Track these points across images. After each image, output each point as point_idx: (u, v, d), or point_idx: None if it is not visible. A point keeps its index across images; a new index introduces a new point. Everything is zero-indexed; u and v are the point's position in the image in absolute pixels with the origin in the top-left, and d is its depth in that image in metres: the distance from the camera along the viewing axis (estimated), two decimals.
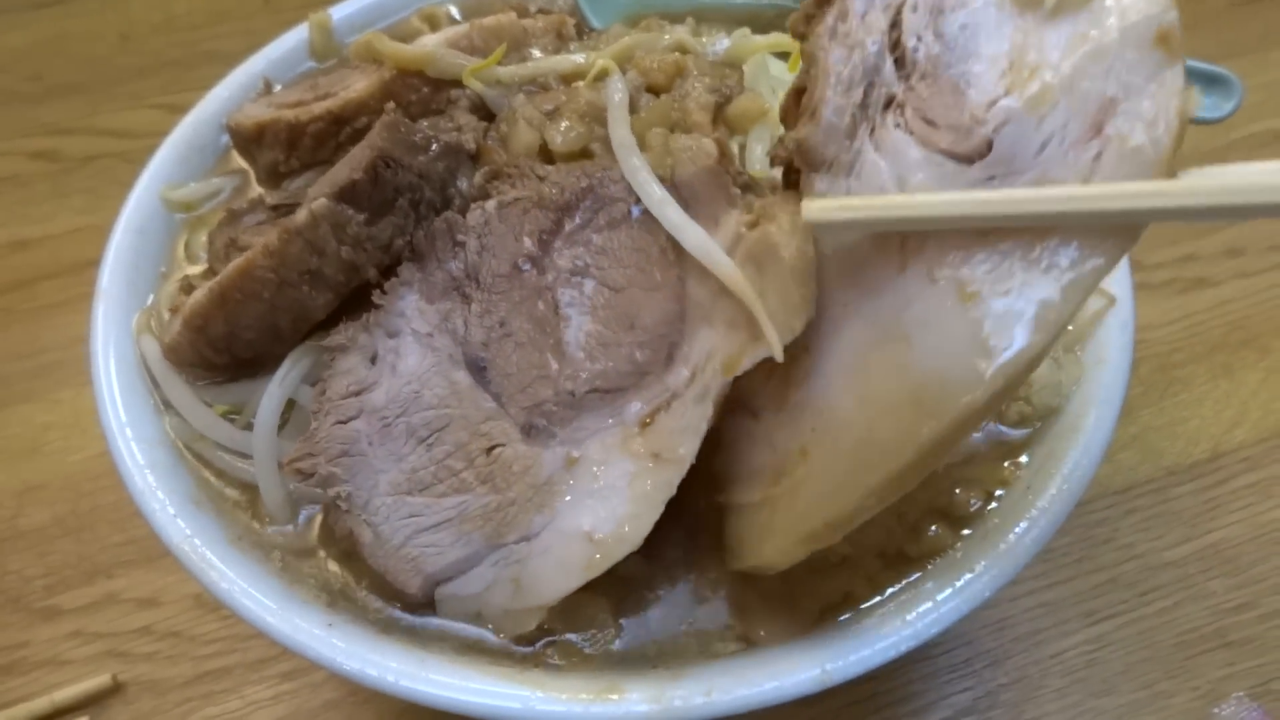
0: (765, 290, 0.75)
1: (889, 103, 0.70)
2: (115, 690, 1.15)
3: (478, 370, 0.83)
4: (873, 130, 0.70)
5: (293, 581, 0.82)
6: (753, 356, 0.76)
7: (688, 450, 0.78)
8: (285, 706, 1.14)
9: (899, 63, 0.70)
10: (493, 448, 0.81)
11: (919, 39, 0.69)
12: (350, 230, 0.83)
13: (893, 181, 0.69)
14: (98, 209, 1.61)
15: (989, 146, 0.65)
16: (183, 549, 0.81)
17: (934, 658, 1.16)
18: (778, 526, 0.74)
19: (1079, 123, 0.64)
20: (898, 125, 0.69)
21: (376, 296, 0.84)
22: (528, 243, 0.84)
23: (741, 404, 0.81)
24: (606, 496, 0.78)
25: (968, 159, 0.67)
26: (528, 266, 0.84)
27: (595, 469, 0.80)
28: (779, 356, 0.73)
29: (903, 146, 0.69)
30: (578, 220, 0.84)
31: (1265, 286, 1.46)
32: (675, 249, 0.81)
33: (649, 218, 0.82)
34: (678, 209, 0.80)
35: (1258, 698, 1.12)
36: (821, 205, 0.70)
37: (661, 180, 0.81)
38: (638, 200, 0.82)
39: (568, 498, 0.79)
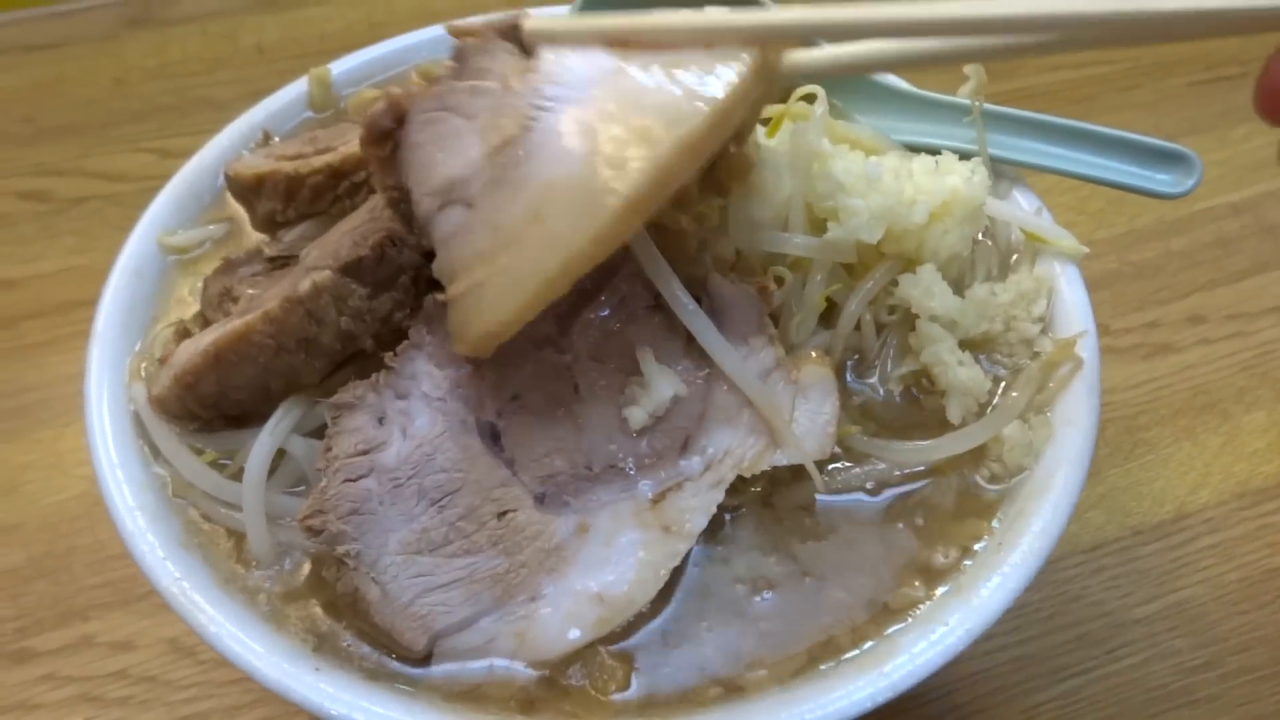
0: (802, 415, 0.89)
1: None
2: None
3: (491, 437, 0.86)
4: None
5: (279, 625, 0.82)
6: (770, 462, 0.87)
7: (695, 526, 0.85)
8: None
9: None
10: (505, 512, 0.84)
11: None
12: (351, 303, 0.85)
13: None
14: (86, 250, 1.63)
15: None
16: (171, 591, 0.81)
17: (911, 709, 1.18)
18: (515, 286, 0.75)
19: None
20: None
21: (388, 358, 0.86)
22: (544, 322, 0.87)
23: (450, 200, 0.79)
24: (616, 563, 0.83)
25: None
26: (544, 343, 0.87)
27: (606, 537, 0.84)
28: (819, 485, 0.90)
29: None
30: (597, 309, 0.88)
31: (1225, 354, 1.51)
32: (702, 354, 0.88)
33: (673, 321, 0.87)
34: (724, 344, 0.86)
35: None
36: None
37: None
38: (658, 299, 0.87)
39: (578, 562, 0.83)
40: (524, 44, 0.84)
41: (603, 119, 0.76)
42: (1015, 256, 1.09)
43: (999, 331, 1.01)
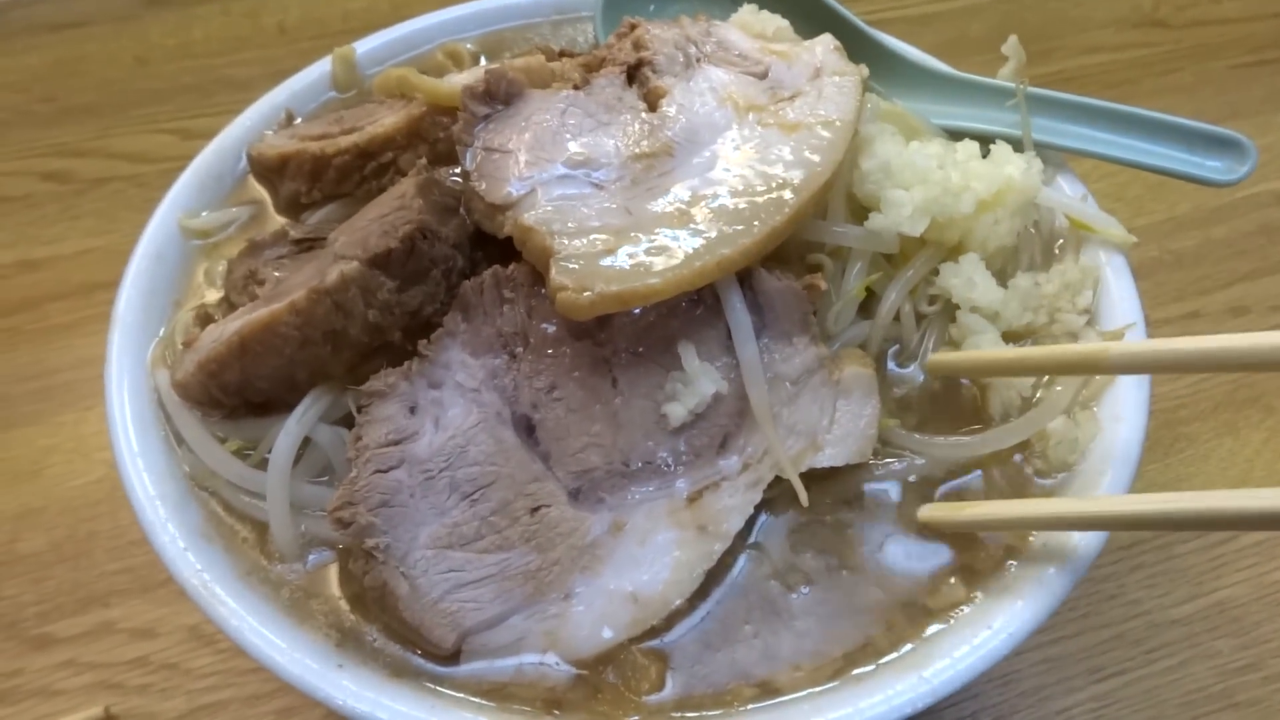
0: (846, 415, 0.88)
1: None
2: None
3: (525, 430, 0.84)
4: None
5: (302, 619, 0.81)
6: (810, 463, 0.86)
7: (732, 527, 0.83)
8: None
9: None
10: (538, 508, 0.82)
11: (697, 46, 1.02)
12: (380, 296, 0.83)
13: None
14: (108, 232, 1.61)
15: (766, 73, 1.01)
16: (192, 584, 0.80)
17: (939, 711, 1.14)
18: (660, 267, 0.81)
19: (805, 71, 1.01)
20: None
21: (422, 346, 0.84)
22: None
23: (574, 173, 0.88)
24: (650, 562, 0.81)
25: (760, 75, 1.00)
26: (583, 335, 0.84)
27: (641, 535, 0.82)
28: (803, 500, 0.85)
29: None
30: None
31: None
32: None
33: (714, 317, 0.85)
34: (753, 350, 0.85)
35: None
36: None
37: None
38: (700, 291, 0.84)
39: (612, 560, 0.81)
40: (645, 89, 0.96)
41: (754, 153, 0.90)
42: (1060, 243, 1.05)
43: (1043, 324, 0.98)
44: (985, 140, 1.10)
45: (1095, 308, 0.99)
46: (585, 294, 0.76)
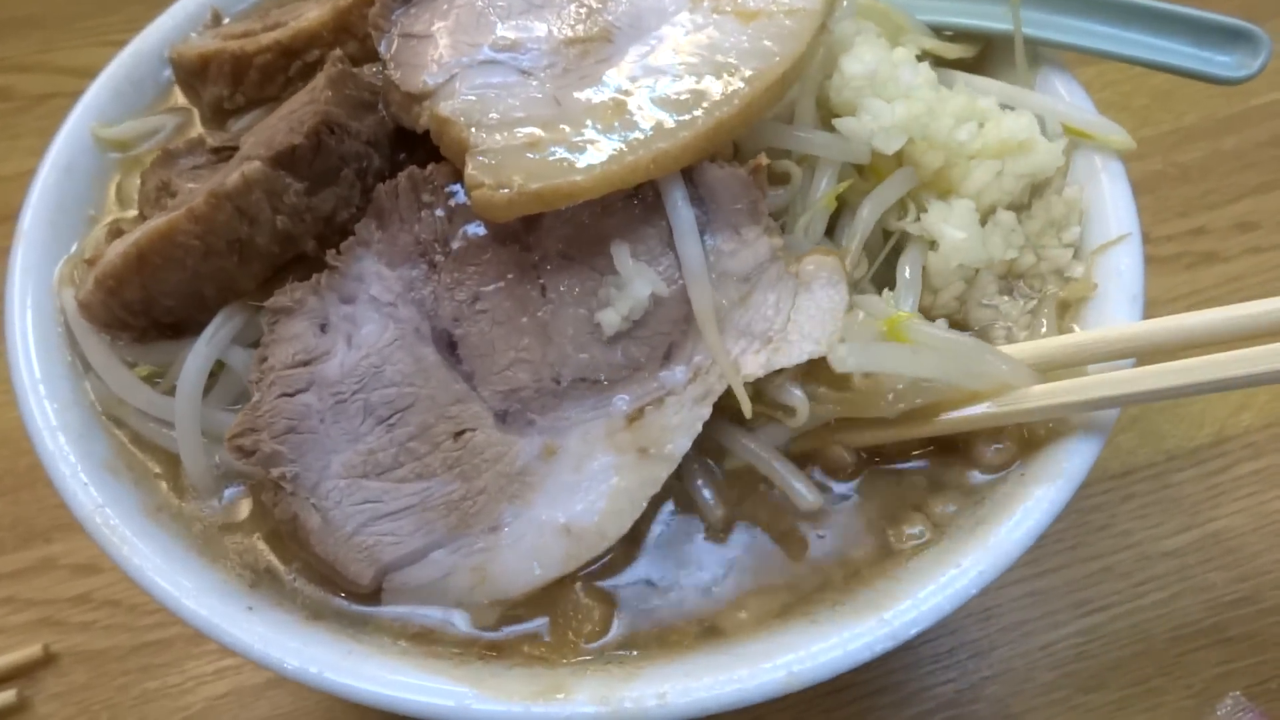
0: (807, 307, 0.78)
1: None
2: (47, 661, 1.09)
3: (447, 347, 0.77)
4: None
5: (214, 559, 0.75)
6: (770, 366, 0.76)
7: (677, 448, 0.76)
8: (228, 682, 1.08)
9: None
10: (462, 432, 0.76)
11: None
12: (287, 199, 0.76)
13: None
14: None
15: None
16: (93, 520, 0.74)
17: (916, 647, 1.10)
18: (590, 163, 0.75)
19: None
20: None
21: (330, 257, 0.77)
22: None
23: (498, 57, 0.82)
24: (586, 490, 0.75)
25: None
26: (509, 239, 0.77)
27: (576, 461, 0.76)
28: (746, 411, 0.76)
29: None
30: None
31: (1278, 263, 1.38)
32: None
33: (654, 214, 0.77)
34: (694, 239, 0.76)
35: (1254, 697, 1.06)
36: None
37: None
38: (638, 195, 0.77)
39: (543, 489, 0.75)
40: None
41: (705, 41, 0.81)
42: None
43: (1030, 263, 0.90)
44: (975, 37, 1.01)
45: (1087, 219, 0.91)
46: (503, 191, 0.69)
